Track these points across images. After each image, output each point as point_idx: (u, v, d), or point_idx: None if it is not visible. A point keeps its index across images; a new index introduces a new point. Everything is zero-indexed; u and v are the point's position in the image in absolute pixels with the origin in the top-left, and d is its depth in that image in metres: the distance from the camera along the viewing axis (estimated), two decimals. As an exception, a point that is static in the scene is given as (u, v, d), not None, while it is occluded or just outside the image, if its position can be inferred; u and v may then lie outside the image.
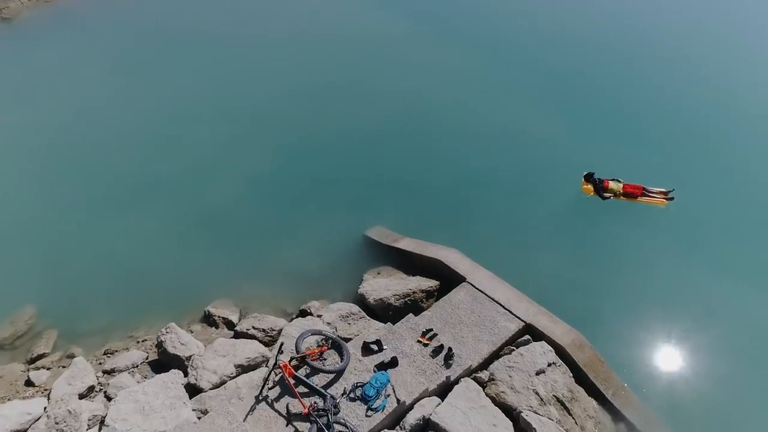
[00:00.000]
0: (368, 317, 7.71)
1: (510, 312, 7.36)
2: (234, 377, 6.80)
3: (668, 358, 7.63)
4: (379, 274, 8.77)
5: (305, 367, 6.30)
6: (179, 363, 7.04)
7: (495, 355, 6.98)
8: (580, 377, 6.87)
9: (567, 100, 12.99)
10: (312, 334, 6.71)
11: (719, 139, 11.55)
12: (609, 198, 9.60)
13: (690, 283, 8.44)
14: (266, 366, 7.00)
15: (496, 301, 7.51)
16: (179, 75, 14.57)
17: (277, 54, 15.41)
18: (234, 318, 8.14)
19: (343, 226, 9.80)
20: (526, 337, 7.14)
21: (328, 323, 7.54)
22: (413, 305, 7.84)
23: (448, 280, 8.14)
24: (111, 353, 7.73)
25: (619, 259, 8.95)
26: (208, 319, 8.20)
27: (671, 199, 9.65)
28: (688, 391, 7.24)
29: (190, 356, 7.03)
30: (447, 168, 10.88)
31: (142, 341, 7.94)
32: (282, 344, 6.37)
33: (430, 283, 8.14)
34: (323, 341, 6.64)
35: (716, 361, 7.48)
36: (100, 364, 7.51)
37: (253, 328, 7.62)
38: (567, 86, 13.54)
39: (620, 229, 9.39)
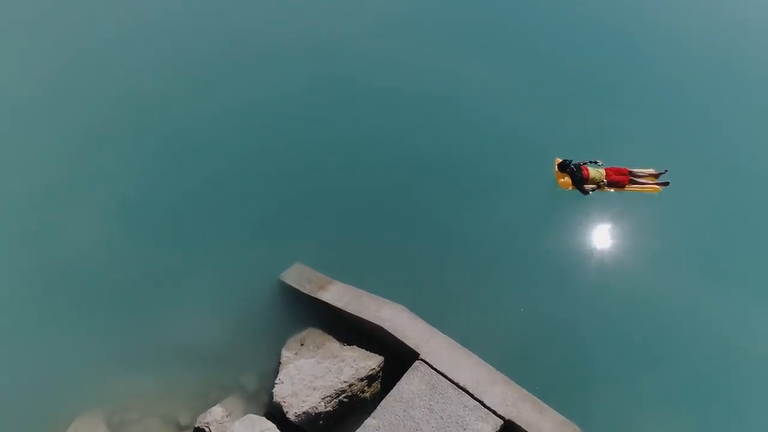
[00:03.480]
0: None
1: (482, 404, 5.41)
2: None
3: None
4: (302, 345, 6.46)
5: None
6: None
7: (467, 475, 5.12)
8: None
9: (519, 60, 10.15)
10: None
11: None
12: (592, 191, 7.42)
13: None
14: None
15: (462, 388, 5.50)
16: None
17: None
18: (101, 446, 5.76)
19: (250, 268, 7.25)
20: (506, 437, 5.29)
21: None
22: (351, 404, 5.72)
23: (396, 353, 6.00)
24: None
25: (625, 298, 6.75)
26: (65, 455, 5.78)
27: (666, 184, 7.61)
28: None
29: None
30: (381, 170, 8.18)
31: None
32: None
33: (371, 363, 5.98)
34: None
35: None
36: None
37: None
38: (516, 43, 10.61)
39: (622, 247, 7.30)
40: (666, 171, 7.70)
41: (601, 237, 7.27)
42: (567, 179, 7.55)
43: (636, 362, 6.12)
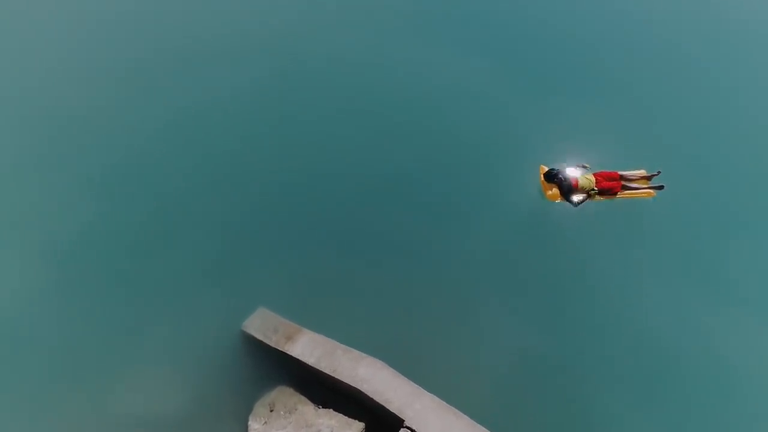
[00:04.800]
0: None
1: (477, 475, 4.81)
2: None
3: None
4: (272, 411, 5.71)
5: None
6: None
7: None
8: None
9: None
10: None
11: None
12: (583, 203, 6.70)
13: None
14: None
15: (455, 458, 4.88)
16: None
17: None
18: None
19: (207, 317, 6.37)
20: None
21: None
22: (331, 485, 5.04)
23: (378, 416, 5.34)
24: None
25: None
26: None
27: (660, 187, 6.95)
28: None
29: None
30: (346, 188, 7.22)
31: None
32: None
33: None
34: None
35: None
36: None
37: None
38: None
39: (619, 265, 6.55)
40: (659, 173, 7.04)
41: (596, 256, 6.60)
42: (555, 190, 6.80)
43: (639, 399, 5.62)
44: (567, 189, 6.72)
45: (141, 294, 6.57)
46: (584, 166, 7.01)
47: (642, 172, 7.14)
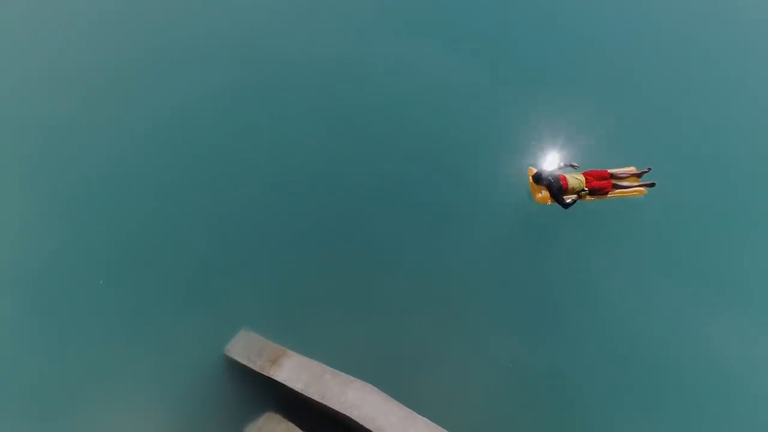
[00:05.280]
0: None
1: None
2: None
3: None
4: (259, 439, 5.47)
5: None
6: None
7: None
8: None
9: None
10: None
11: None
12: (573, 204, 6.47)
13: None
14: None
15: (451, 485, 4.71)
16: None
17: None
18: None
19: (188, 343, 6.11)
20: None
21: None
22: None
23: (369, 443, 5.12)
24: None
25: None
26: None
27: (651, 184, 6.75)
28: None
29: None
30: (323, 199, 6.88)
31: None
32: None
33: (342, 459, 5.07)
34: None
35: None
36: None
37: None
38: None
39: (615, 268, 6.31)
40: (649, 169, 6.83)
41: (588, 261, 6.40)
42: (545, 193, 6.56)
43: (638, 410, 5.50)
44: (557, 191, 6.47)
45: (116, 319, 6.26)
46: (573, 166, 6.78)
47: (632, 169, 6.93)
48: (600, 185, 6.66)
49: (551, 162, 6.86)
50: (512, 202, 6.73)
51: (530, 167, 6.78)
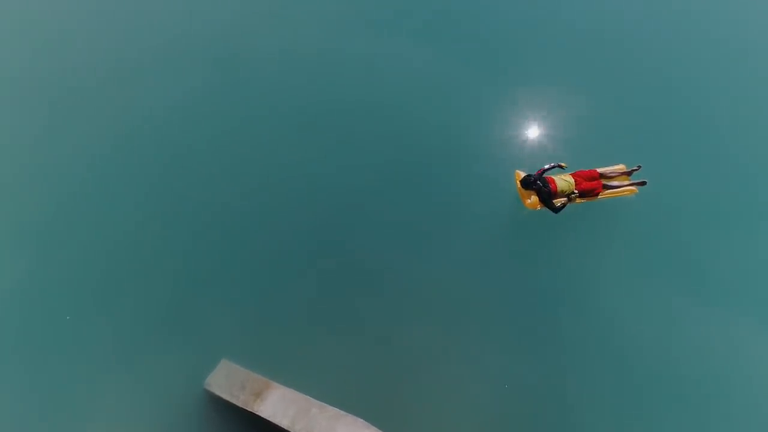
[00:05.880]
0: None
1: None
2: None
3: None
4: (246, 480, 5.18)
5: None
6: None
7: None
8: None
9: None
10: None
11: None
12: (564, 207, 6.19)
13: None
14: None
15: None
16: None
17: None
18: None
19: (165, 377, 5.74)
20: None
21: None
22: None
23: (364, 481, 4.87)
24: None
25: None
26: None
27: (642, 183, 6.51)
28: None
29: None
30: (300, 213, 6.46)
31: None
32: None
33: (335, 500, 4.81)
34: None
35: None
36: None
37: None
38: None
39: (613, 276, 6.05)
40: (639, 167, 6.57)
41: (580, 268, 6.16)
42: (535, 198, 6.26)
43: (636, 422, 5.35)
44: (546, 195, 6.17)
45: (87, 355, 5.84)
46: (561, 166, 6.44)
47: (621, 167, 6.66)
48: (590, 186, 6.38)
49: (534, 162, 6.52)
50: (500, 210, 6.40)
51: (517, 171, 6.45)
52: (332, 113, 7.16)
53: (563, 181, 6.30)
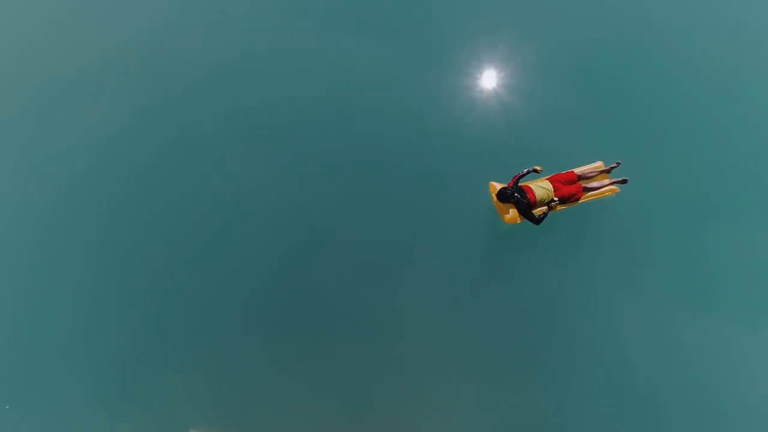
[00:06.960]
0: None
1: None
2: None
3: None
4: None
5: None
6: None
7: None
8: None
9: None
10: None
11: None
12: (545, 216, 5.73)
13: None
14: None
15: None
16: None
17: None
18: None
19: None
20: None
21: None
22: None
23: None
24: None
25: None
26: None
27: (624, 181, 6.11)
28: None
29: None
30: (259, 245, 5.83)
31: None
32: None
33: None
34: None
35: None
36: None
37: None
38: None
39: (602, 286, 5.64)
40: (619, 164, 6.15)
41: (565, 283, 5.74)
42: (513, 212, 5.78)
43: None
44: (525, 206, 5.69)
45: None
46: (536, 170, 5.87)
47: (599, 165, 6.23)
48: (570, 191, 5.92)
49: (507, 168, 6.03)
50: (477, 228, 5.91)
51: (492, 183, 5.95)
52: (281, 128, 6.47)
53: (541, 188, 5.83)
